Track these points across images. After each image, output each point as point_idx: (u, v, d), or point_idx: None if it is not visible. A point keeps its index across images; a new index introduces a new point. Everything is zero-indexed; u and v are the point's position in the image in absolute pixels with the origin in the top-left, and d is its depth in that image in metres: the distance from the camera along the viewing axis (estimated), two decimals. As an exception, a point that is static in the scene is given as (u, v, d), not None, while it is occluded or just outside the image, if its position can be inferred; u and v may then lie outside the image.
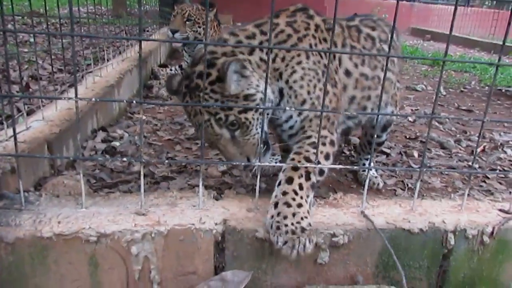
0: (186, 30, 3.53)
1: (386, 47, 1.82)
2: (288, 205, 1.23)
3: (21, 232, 1.14)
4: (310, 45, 1.55)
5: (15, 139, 1.19)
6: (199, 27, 3.61)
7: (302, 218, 1.20)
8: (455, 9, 1.21)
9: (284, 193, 1.27)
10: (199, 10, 3.66)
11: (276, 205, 1.25)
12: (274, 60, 1.49)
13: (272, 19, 1.15)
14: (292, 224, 1.18)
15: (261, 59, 1.48)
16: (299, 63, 1.50)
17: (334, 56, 1.63)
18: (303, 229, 1.18)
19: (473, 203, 1.50)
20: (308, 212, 1.24)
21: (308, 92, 1.50)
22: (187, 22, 3.53)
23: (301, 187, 1.28)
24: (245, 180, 1.38)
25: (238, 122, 1.39)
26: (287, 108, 1.47)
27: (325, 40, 1.60)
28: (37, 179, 1.70)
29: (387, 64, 1.23)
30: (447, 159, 2.62)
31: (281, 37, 1.53)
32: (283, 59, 1.50)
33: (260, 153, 1.32)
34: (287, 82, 1.50)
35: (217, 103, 1.36)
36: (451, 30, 1.23)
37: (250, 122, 1.40)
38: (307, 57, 1.51)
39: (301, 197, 1.26)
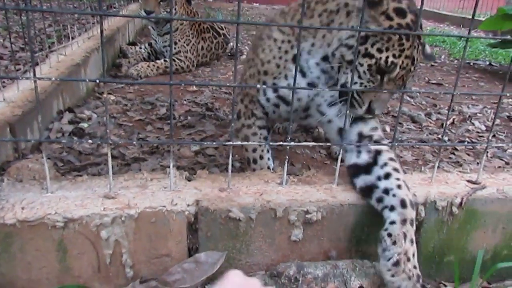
0: (160, 11, 3.40)
1: None
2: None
3: (-18, 220, 1.09)
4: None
5: (-30, 122, 1.12)
6: (172, 7, 3.49)
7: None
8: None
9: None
10: None
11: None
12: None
13: None
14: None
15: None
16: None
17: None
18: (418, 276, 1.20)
19: (442, 175, 1.53)
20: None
21: None
22: (161, 3, 3.40)
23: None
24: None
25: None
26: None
27: None
28: (0, 163, 1.63)
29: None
30: (417, 132, 2.67)
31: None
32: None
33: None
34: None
35: None
36: (422, 4, 1.22)
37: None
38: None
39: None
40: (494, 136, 2.69)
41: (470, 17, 1.26)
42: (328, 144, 1.57)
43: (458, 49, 5.82)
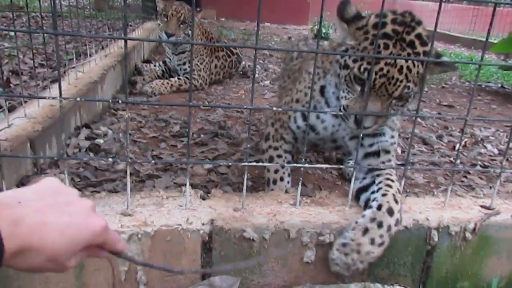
0: (181, 34, 3.51)
1: None
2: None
3: (4, 235, 1.12)
4: None
5: (-3, 139, 1.16)
6: (190, 29, 3.58)
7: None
8: (440, 6, 1.23)
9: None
10: (189, 11, 3.63)
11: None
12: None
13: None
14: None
15: None
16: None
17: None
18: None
19: (455, 199, 1.53)
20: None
21: None
22: (181, 25, 3.51)
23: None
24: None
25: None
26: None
27: None
28: (20, 178, 1.67)
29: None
30: (429, 155, 2.67)
31: None
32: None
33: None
34: None
35: None
36: (436, 27, 1.25)
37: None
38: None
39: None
40: (507, 160, 2.68)
41: (481, 39, 1.29)
42: (341, 166, 1.59)
43: (469, 71, 5.83)
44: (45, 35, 2.29)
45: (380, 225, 1.25)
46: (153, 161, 1.30)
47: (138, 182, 1.91)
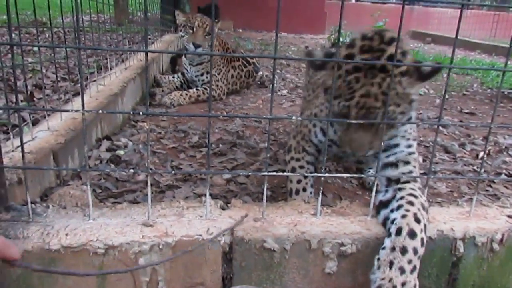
0: (207, 45, 3.58)
1: None
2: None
3: (29, 245, 1.14)
4: None
5: (23, 150, 1.19)
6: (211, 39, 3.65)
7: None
8: (461, 13, 1.21)
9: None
10: (210, 22, 3.70)
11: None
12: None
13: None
14: None
15: None
16: None
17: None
18: None
19: (481, 209, 1.49)
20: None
21: None
22: (206, 37, 3.58)
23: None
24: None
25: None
26: None
27: None
28: (43, 189, 1.70)
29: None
30: (451, 163, 2.61)
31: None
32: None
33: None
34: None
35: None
36: (457, 34, 1.23)
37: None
38: None
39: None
40: (533, 168, 2.60)
41: (503, 45, 1.27)
42: (362, 175, 1.57)
43: (490, 77, 5.72)
44: (67, 49, 2.35)
45: (404, 251, 1.18)
46: (173, 172, 1.31)
47: (158, 192, 1.93)
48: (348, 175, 1.59)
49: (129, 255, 1.18)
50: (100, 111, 1.23)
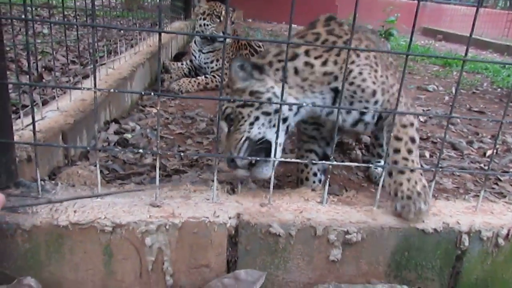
0: (221, 30, 3.61)
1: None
2: (402, 172, 1.38)
3: (38, 220, 1.15)
4: (356, 46, 1.58)
5: (34, 128, 1.20)
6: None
7: (416, 182, 1.35)
8: (477, 11, 1.20)
9: (395, 162, 1.42)
10: (221, 7, 3.71)
11: (390, 174, 1.41)
12: (325, 64, 1.52)
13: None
14: (408, 189, 1.33)
15: (306, 63, 1.51)
16: (352, 62, 1.53)
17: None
18: (418, 193, 1.31)
19: (487, 204, 1.49)
20: (421, 174, 1.39)
21: (373, 82, 1.54)
22: (231, 26, 3.66)
23: (409, 151, 1.42)
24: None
25: (232, 116, 1.46)
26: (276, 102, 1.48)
27: (366, 39, 1.67)
28: (52, 168, 1.72)
29: (406, 64, 1.22)
30: (458, 160, 2.60)
31: (327, 44, 1.56)
32: (335, 63, 1.52)
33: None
34: (346, 81, 1.51)
35: (227, 97, 1.50)
36: (471, 31, 1.22)
37: (242, 117, 1.45)
38: (358, 56, 1.54)
39: (412, 161, 1.41)
40: (540, 167, 2.59)
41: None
42: (370, 165, 1.56)
43: (501, 77, 5.66)
44: (78, 32, 2.35)
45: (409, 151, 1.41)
46: (182, 154, 1.32)
47: (164, 176, 1.94)
48: (356, 164, 1.60)
49: (136, 234, 1.19)
50: (112, 90, 1.24)
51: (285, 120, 1.50)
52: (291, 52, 1.52)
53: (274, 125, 1.46)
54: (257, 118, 1.44)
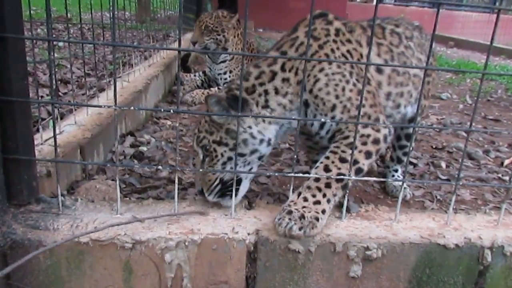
0: (204, 41, 3.62)
1: (412, 44, 1.81)
2: (305, 199, 1.29)
3: (59, 237, 1.16)
4: (332, 50, 1.52)
5: (55, 144, 1.21)
6: (218, 34, 3.66)
7: (316, 212, 1.26)
8: (497, 18, 1.19)
9: (308, 188, 1.33)
10: (218, 17, 3.69)
11: (298, 194, 1.32)
12: (296, 73, 1.48)
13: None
14: (304, 211, 1.25)
15: (283, 79, 1.48)
16: (321, 70, 1.47)
17: (361, 56, 1.61)
18: (311, 222, 1.23)
19: (509, 218, 1.46)
20: (323, 211, 1.28)
21: (337, 96, 1.46)
22: (204, 32, 3.61)
23: (328, 186, 1.32)
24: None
25: (208, 149, 1.43)
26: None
27: (348, 41, 1.58)
28: (70, 182, 1.73)
29: (426, 63, 1.21)
30: (475, 170, 2.57)
31: (301, 49, 1.52)
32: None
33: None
34: (311, 91, 1.48)
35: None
36: (492, 40, 1.21)
37: (216, 156, 1.42)
38: (329, 63, 1.48)
39: (324, 195, 1.30)
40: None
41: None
42: (388, 180, 1.55)
43: (516, 84, 5.59)
44: (94, 46, 2.39)
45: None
46: (201, 170, 1.32)
47: (180, 190, 1.94)
48: (375, 178, 1.58)
49: (156, 250, 1.19)
50: (132, 108, 1.25)
51: (260, 157, 1.48)
52: (269, 72, 1.48)
53: (248, 163, 1.45)
54: (230, 159, 1.41)
